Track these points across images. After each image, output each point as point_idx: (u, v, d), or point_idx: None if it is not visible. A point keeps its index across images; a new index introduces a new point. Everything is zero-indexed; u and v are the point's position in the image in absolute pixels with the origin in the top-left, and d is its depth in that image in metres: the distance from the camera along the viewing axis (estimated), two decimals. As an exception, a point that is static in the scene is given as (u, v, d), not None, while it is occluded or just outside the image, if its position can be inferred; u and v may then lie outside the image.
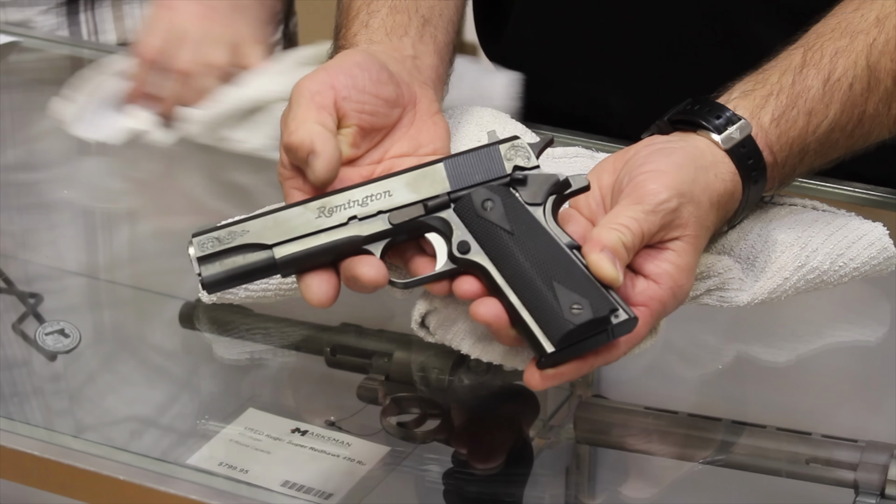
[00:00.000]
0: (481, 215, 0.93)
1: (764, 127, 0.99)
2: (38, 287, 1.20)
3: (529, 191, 0.94)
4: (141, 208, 1.38)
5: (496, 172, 0.95)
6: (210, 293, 0.93)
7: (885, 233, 1.03)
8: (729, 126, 0.98)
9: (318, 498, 0.96)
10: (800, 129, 1.00)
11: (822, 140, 1.02)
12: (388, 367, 1.07)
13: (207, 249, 0.92)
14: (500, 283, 0.90)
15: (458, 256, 0.92)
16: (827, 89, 1.01)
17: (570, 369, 0.89)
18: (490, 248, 0.92)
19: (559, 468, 1.05)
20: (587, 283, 0.89)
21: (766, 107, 1.00)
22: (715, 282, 0.99)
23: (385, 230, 0.93)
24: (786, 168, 1.01)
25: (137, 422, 1.09)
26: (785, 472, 1.00)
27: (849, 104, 1.02)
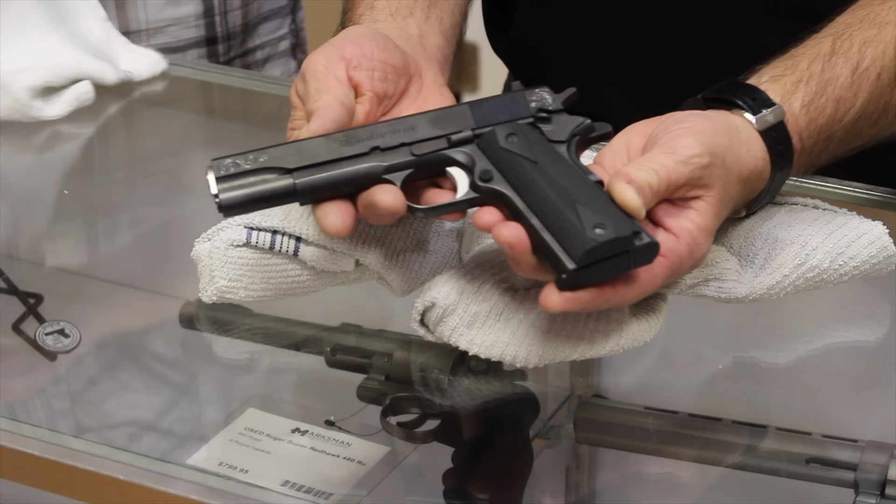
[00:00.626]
0: (504, 147, 0.93)
1: (794, 113, 1.00)
2: (38, 287, 1.20)
3: (554, 130, 0.95)
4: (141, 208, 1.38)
5: (520, 113, 0.95)
6: (227, 216, 0.94)
7: (884, 232, 1.03)
8: (763, 108, 0.98)
9: (318, 498, 0.96)
10: (828, 117, 1.01)
11: (848, 128, 1.02)
12: (388, 367, 1.07)
13: (226, 171, 0.92)
14: (521, 209, 0.90)
15: (480, 185, 0.92)
16: (855, 78, 1.02)
17: (588, 297, 0.89)
18: (513, 177, 0.92)
19: (559, 468, 1.05)
20: (610, 207, 0.89)
21: (796, 93, 1.00)
22: (713, 271, 1.00)
23: (407, 161, 0.93)
24: (812, 155, 1.02)
25: (137, 422, 1.09)
26: (785, 472, 1.00)
27: (876, 94, 1.02)
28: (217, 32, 1.65)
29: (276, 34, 1.70)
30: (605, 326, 0.96)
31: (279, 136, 0.99)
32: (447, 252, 1.04)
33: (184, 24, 1.63)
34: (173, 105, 1.53)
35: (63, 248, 1.30)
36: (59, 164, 1.44)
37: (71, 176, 1.42)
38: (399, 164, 0.93)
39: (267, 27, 1.70)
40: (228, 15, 1.65)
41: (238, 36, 1.67)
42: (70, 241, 1.31)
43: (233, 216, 0.95)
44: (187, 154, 1.46)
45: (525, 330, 0.95)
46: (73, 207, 1.36)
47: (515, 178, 0.92)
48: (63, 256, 1.29)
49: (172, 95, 1.53)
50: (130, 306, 1.25)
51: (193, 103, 1.53)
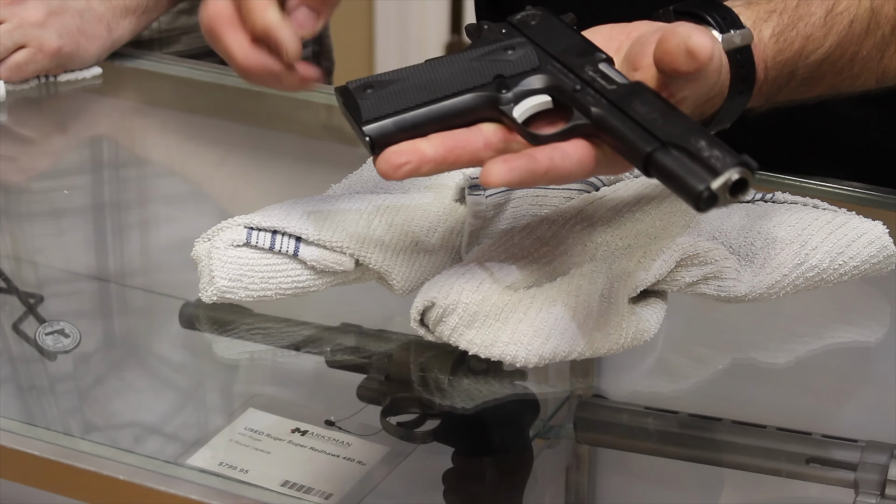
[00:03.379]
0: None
1: (763, 41, 0.99)
2: (37, 287, 1.21)
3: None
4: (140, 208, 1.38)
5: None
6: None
7: (884, 231, 1.03)
8: (732, 29, 0.97)
9: (318, 498, 0.96)
10: (795, 52, 1.00)
11: (812, 68, 1.02)
12: (388, 367, 1.07)
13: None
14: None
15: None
16: (828, 20, 1.01)
17: (524, 163, 0.88)
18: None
19: (559, 468, 1.05)
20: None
21: (768, 21, 1.00)
22: (711, 269, 1.00)
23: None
24: (773, 87, 1.01)
25: (138, 422, 1.09)
26: (785, 472, 1.00)
27: (845, 40, 1.02)
28: None
29: None
30: (605, 326, 0.96)
31: (281, 136, 0.99)
32: (447, 252, 1.04)
33: (197, 32, 1.62)
34: (173, 105, 1.54)
35: (63, 249, 1.30)
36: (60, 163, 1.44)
37: (71, 176, 1.42)
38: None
39: None
40: None
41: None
42: (70, 241, 1.31)
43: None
44: (188, 154, 1.46)
45: (525, 330, 0.95)
46: (73, 207, 1.36)
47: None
48: (63, 256, 1.29)
49: (173, 95, 1.53)
50: (130, 306, 1.25)
51: (193, 103, 1.53)
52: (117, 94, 1.52)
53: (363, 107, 0.92)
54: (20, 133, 1.47)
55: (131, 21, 1.50)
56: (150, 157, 1.47)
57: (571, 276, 0.99)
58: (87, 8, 1.46)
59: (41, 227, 1.34)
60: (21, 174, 1.42)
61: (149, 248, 1.32)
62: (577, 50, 0.95)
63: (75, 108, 1.47)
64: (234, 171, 1.40)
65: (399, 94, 0.93)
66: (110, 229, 1.34)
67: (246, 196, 1.36)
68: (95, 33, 1.47)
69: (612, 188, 1.08)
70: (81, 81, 1.47)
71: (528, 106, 0.93)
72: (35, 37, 1.43)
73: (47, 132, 1.49)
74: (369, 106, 0.92)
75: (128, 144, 1.49)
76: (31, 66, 1.44)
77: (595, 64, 0.93)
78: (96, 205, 1.36)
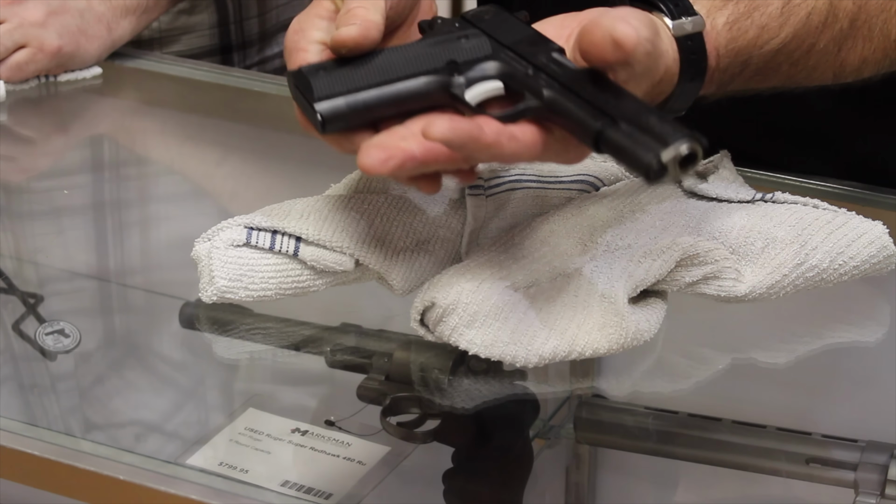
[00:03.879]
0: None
1: (717, 28, 1.00)
2: (37, 287, 1.21)
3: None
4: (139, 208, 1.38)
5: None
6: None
7: (884, 231, 1.03)
8: (684, 16, 0.97)
9: (318, 498, 0.96)
10: (749, 41, 1.01)
11: (767, 58, 1.02)
12: (388, 367, 1.07)
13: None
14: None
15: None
16: (784, 10, 1.01)
17: (467, 127, 0.88)
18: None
19: (559, 468, 1.05)
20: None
21: (723, 9, 1.00)
22: (711, 269, 1.00)
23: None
24: (726, 75, 1.01)
25: (138, 422, 1.09)
26: (785, 472, 1.00)
27: (802, 31, 1.02)
28: (232, 41, 1.65)
29: None
30: (605, 326, 0.96)
31: (281, 136, 0.99)
32: (447, 252, 1.04)
33: (197, 32, 1.63)
34: (173, 105, 1.54)
35: (63, 248, 1.30)
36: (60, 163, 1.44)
37: (71, 175, 1.42)
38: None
39: None
40: (244, 23, 1.65)
41: (255, 44, 1.67)
42: (70, 240, 1.31)
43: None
44: (188, 154, 1.46)
45: (525, 330, 0.95)
46: (73, 207, 1.36)
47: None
48: (63, 256, 1.29)
49: (173, 95, 1.53)
50: (130, 306, 1.25)
51: (193, 103, 1.53)
52: (117, 94, 1.52)
53: (315, 85, 0.92)
54: (20, 133, 1.47)
55: (131, 21, 1.50)
56: (150, 156, 1.47)
57: (571, 276, 0.99)
58: (88, 8, 1.46)
59: (41, 226, 1.34)
60: (21, 174, 1.42)
61: (149, 247, 1.32)
62: (529, 41, 0.95)
63: (75, 108, 1.47)
64: (233, 171, 1.40)
65: (352, 74, 0.93)
66: (110, 229, 1.34)
67: (246, 196, 1.36)
68: (95, 33, 1.47)
69: (612, 188, 1.08)
70: (81, 81, 1.47)
71: (481, 90, 0.93)
72: (35, 36, 1.43)
73: (47, 132, 1.49)
74: (322, 84, 0.92)
75: (128, 144, 1.49)
76: (32, 66, 1.44)
77: (548, 53, 0.94)
78: (96, 204, 1.36)
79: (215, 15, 1.63)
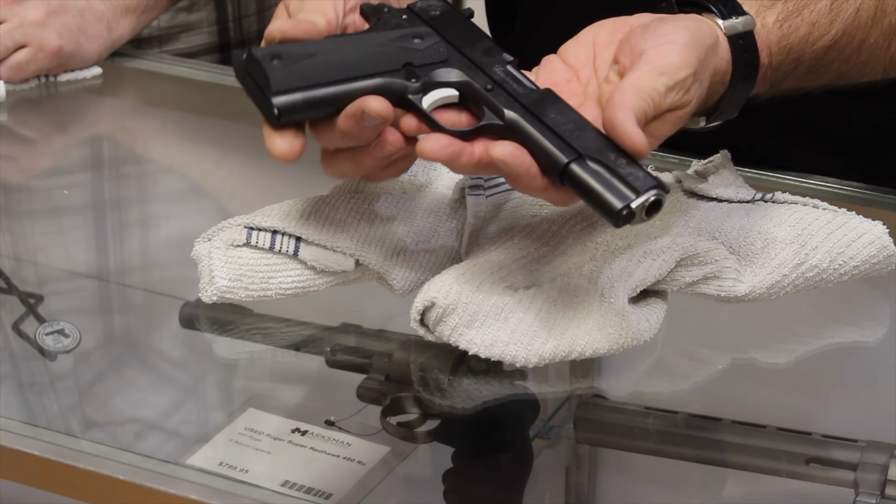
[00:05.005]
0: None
1: (767, 26, 1.00)
2: (37, 287, 1.21)
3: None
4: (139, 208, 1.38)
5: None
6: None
7: (884, 231, 1.03)
8: (735, 15, 0.98)
9: (318, 498, 0.96)
10: (800, 38, 1.01)
11: (819, 55, 1.02)
12: (388, 367, 1.07)
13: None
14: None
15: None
16: (834, 7, 1.02)
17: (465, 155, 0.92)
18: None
19: (559, 468, 1.05)
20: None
21: (772, 8, 1.01)
22: (711, 269, 1.00)
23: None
24: (778, 73, 1.02)
25: (137, 422, 1.09)
26: (785, 472, 1.00)
27: (852, 27, 1.03)
28: (231, 39, 1.65)
29: None
30: (605, 326, 0.96)
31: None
32: (447, 252, 1.04)
33: (196, 30, 1.63)
34: (173, 105, 1.54)
35: (63, 248, 1.30)
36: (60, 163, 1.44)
37: (71, 175, 1.42)
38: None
39: None
40: (243, 21, 1.65)
41: (253, 42, 1.67)
42: (70, 240, 1.31)
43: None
44: (188, 153, 1.46)
45: (525, 329, 0.95)
46: (73, 207, 1.36)
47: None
48: (63, 256, 1.29)
49: (173, 95, 1.53)
50: (130, 306, 1.25)
51: (193, 103, 1.53)
52: (117, 94, 1.52)
53: (272, 77, 0.93)
54: (20, 133, 1.47)
55: (131, 20, 1.50)
56: (149, 156, 1.47)
57: (571, 276, 0.99)
58: (88, 7, 1.46)
59: (41, 226, 1.34)
60: (21, 174, 1.42)
61: (149, 247, 1.32)
62: (483, 48, 0.96)
63: (75, 108, 1.47)
64: (233, 171, 1.40)
65: (310, 69, 0.93)
66: (110, 229, 1.34)
67: (246, 196, 1.36)
68: (95, 33, 1.47)
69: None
70: (81, 81, 1.47)
71: (436, 98, 0.94)
72: (35, 36, 1.43)
73: (47, 132, 1.49)
74: (279, 78, 0.93)
75: (128, 144, 1.49)
76: (32, 66, 1.44)
77: (503, 64, 0.95)
78: (96, 204, 1.36)
79: (214, 13, 1.63)
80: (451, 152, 0.90)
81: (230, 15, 1.64)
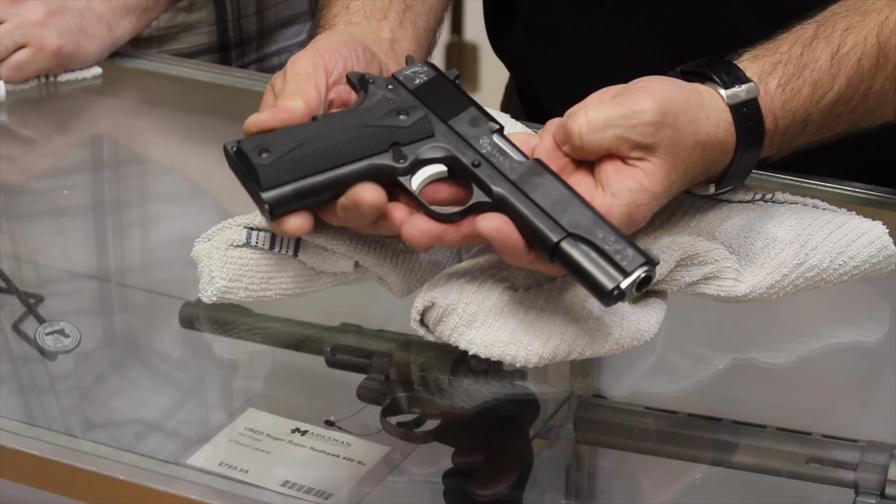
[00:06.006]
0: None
1: (770, 92, 1.00)
2: (37, 287, 1.21)
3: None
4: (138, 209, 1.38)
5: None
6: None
7: (884, 231, 1.03)
8: (737, 84, 0.99)
9: (318, 498, 0.96)
10: (804, 99, 1.01)
11: (826, 112, 1.02)
12: (388, 367, 1.07)
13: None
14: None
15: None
16: (834, 62, 1.02)
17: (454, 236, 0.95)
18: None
19: (559, 468, 1.05)
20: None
21: (773, 73, 1.01)
22: (711, 269, 1.00)
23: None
24: (786, 136, 1.02)
25: (137, 422, 1.09)
26: (785, 472, 1.00)
27: (855, 78, 1.02)
28: (230, 39, 1.65)
29: (295, 40, 1.70)
30: (605, 326, 0.96)
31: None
32: (447, 252, 1.04)
33: (196, 30, 1.63)
34: (173, 105, 1.54)
35: (63, 248, 1.30)
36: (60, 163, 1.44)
37: (71, 175, 1.42)
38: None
39: (286, 33, 1.70)
40: (242, 21, 1.65)
41: (252, 42, 1.67)
42: (70, 240, 1.31)
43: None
44: (188, 153, 1.46)
45: (525, 330, 0.95)
46: (73, 207, 1.36)
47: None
48: (63, 256, 1.29)
49: (173, 95, 1.53)
50: (130, 306, 1.25)
51: (193, 103, 1.53)
52: (117, 94, 1.52)
53: (262, 174, 0.95)
54: (20, 133, 1.47)
55: (131, 20, 1.50)
56: (150, 156, 1.47)
57: (571, 276, 0.99)
58: (88, 7, 1.46)
59: (41, 226, 1.34)
60: (21, 174, 1.42)
61: (149, 247, 1.32)
62: (468, 118, 0.98)
63: (75, 108, 1.47)
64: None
65: (298, 160, 0.95)
66: (110, 229, 1.34)
67: (246, 196, 1.36)
68: (96, 33, 1.47)
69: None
70: (81, 81, 1.47)
71: (425, 176, 0.96)
72: (35, 36, 1.43)
73: (47, 132, 1.49)
74: (268, 173, 0.95)
75: (128, 144, 1.49)
76: (32, 66, 1.44)
77: (489, 134, 0.96)
78: (96, 204, 1.36)
79: (214, 13, 1.63)
80: (434, 236, 0.93)
81: (230, 15, 1.64)
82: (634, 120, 0.94)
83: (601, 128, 0.94)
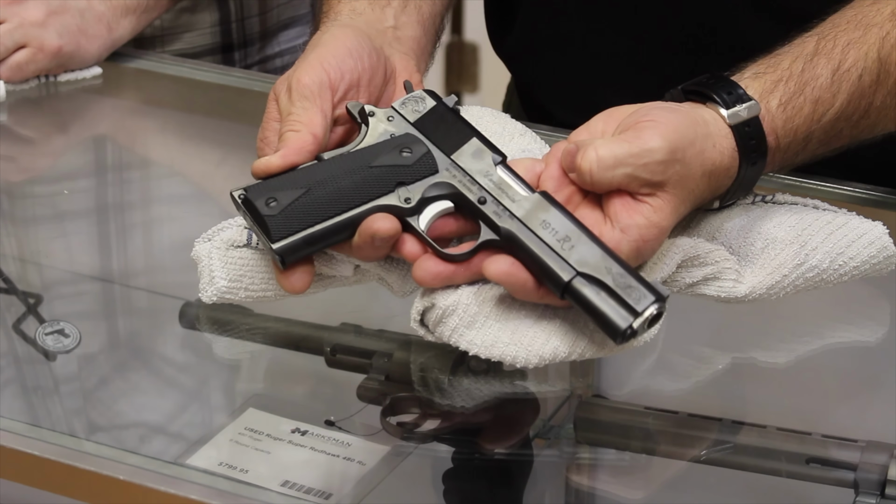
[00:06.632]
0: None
1: (771, 111, 1.00)
2: (38, 287, 1.21)
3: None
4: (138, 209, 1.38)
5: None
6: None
7: (884, 232, 1.03)
8: (738, 104, 0.99)
9: (318, 498, 0.96)
10: (805, 117, 1.01)
11: (827, 129, 1.02)
12: (388, 367, 1.07)
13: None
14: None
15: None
16: (835, 79, 1.02)
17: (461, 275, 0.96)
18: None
19: (559, 468, 1.05)
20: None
21: (774, 91, 1.01)
22: (711, 270, 1.00)
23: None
24: (788, 153, 1.02)
25: (138, 423, 1.09)
26: (785, 472, 1.00)
27: (856, 95, 1.02)
28: (233, 39, 1.65)
29: (297, 41, 1.70)
30: (604, 326, 0.96)
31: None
32: (447, 252, 1.04)
33: (199, 30, 1.63)
34: (173, 105, 1.54)
35: (63, 249, 1.30)
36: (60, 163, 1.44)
37: (71, 176, 1.42)
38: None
39: (288, 34, 1.70)
40: (245, 22, 1.65)
41: (255, 43, 1.67)
42: (70, 241, 1.31)
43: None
44: (188, 154, 1.46)
45: (525, 330, 0.95)
46: (73, 207, 1.36)
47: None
48: (64, 257, 1.29)
49: (173, 95, 1.53)
50: (130, 306, 1.25)
51: (193, 103, 1.53)
52: (117, 94, 1.52)
53: (271, 225, 0.95)
54: (20, 133, 1.47)
55: (131, 20, 1.50)
56: (150, 157, 1.47)
57: (571, 276, 0.99)
58: (88, 7, 1.47)
59: (41, 227, 1.34)
60: (21, 174, 1.42)
61: (149, 248, 1.32)
62: (471, 150, 0.98)
63: (75, 108, 1.47)
64: (234, 171, 1.40)
65: (306, 209, 0.96)
66: (111, 229, 1.34)
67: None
68: (96, 33, 1.47)
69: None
70: (81, 81, 1.47)
71: (432, 214, 0.97)
72: (35, 36, 1.43)
73: (47, 132, 1.49)
74: (277, 224, 0.96)
75: (128, 144, 1.49)
76: (32, 66, 1.44)
77: (493, 167, 0.97)
78: (97, 205, 1.37)
79: (217, 13, 1.63)
80: (444, 278, 0.94)
81: (233, 16, 1.64)
82: (645, 159, 0.94)
83: (611, 166, 0.94)
